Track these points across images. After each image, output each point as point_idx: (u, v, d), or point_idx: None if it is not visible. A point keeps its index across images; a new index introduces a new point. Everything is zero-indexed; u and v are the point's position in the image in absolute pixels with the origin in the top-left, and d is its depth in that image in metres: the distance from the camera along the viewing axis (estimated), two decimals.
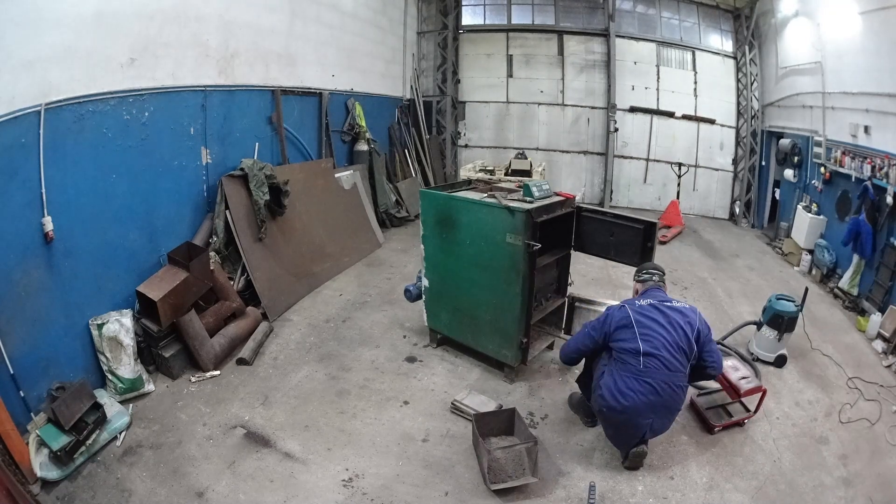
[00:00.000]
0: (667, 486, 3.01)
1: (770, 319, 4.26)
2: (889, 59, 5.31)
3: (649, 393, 2.84)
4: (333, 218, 6.60)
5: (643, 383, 2.85)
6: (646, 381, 2.85)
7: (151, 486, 2.93)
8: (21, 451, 2.85)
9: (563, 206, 3.93)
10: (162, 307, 3.73)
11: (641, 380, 2.85)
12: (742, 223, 9.70)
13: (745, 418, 3.55)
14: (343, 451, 3.25)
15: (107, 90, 3.71)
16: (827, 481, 3.06)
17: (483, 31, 10.62)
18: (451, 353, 4.46)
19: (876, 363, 4.50)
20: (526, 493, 2.91)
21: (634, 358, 2.88)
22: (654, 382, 2.84)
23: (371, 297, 5.63)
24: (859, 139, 5.90)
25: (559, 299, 4.41)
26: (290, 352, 4.47)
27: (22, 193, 3.15)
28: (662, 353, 2.86)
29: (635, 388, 2.85)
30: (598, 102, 10.22)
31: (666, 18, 9.99)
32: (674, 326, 2.94)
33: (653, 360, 2.86)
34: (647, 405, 2.85)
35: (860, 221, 5.40)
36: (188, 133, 4.64)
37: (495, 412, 3.43)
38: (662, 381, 2.85)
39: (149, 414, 3.56)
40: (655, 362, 2.86)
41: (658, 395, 2.85)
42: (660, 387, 2.84)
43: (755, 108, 9.41)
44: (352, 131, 7.70)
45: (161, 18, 4.16)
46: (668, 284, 3.43)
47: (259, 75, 5.62)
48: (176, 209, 4.57)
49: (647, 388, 2.84)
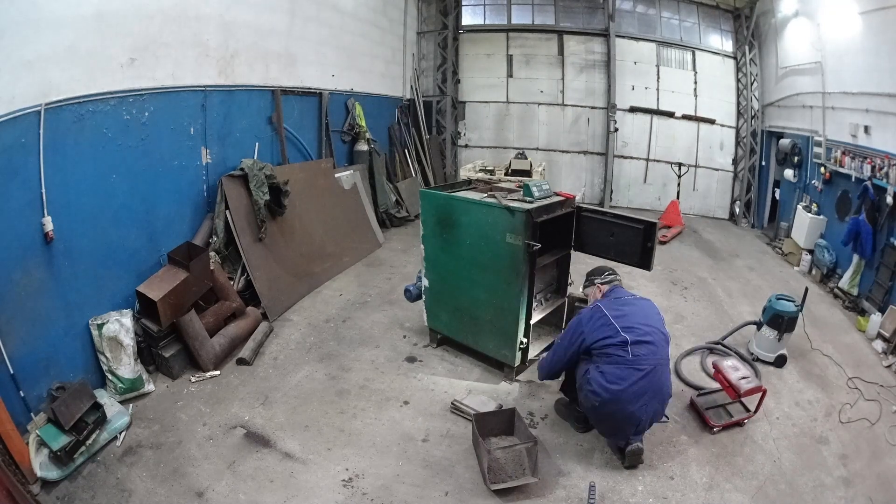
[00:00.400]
0: (667, 486, 3.01)
1: (770, 319, 4.26)
2: (889, 59, 5.31)
3: (639, 378, 2.91)
4: (333, 218, 6.60)
5: (633, 370, 2.91)
6: (636, 369, 2.91)
7: (151, 486, 2.93)
8: (21, 451, 2.85)
9: (563, 206, 3.93)
10: (162, 307, 3.73)
11: (631, 367, 2.91)
12: (742, 223, 9.70)
13: (745, 418, 3.55)
14: (343, 451, 3.25)
15: (107, 90, 3.70)
16: (827, 481, 3.06)
17: (483, 31, 10.62)
18: (451, 353, 4.46)
19: (876, 363, 4.50)
20: (526, 493, 2.91)
21: (622, 350, 2.94)
22: (646, 367, 2.91)
23: (371, 297, 5.63)
24: (859, 139, 5.90)
25: (559, 299, 4.42)
26: (290, 352, 4.47)
27: (22, 193, 3.15)
28: (647, 338, 2.96)
29: (624, 376, 2.91)
30: (598, 102, 10.22)
31: (666, 18, 9.99)
32: (648, 313, 3.11)
33: (641, 347, 2.93)
34: (638, 391, 2.91)
35: (860, 221, 5.40)
36: (188, 133, 4.64)
37: (495, 412, 3.43)
38: (652, 364, 2.93)
39: (149, 414, 3.56)
40: (644, 348, 2.93)
41: (648, 379, 2.92)
42: (650, 370, 2.92)
43: (755, 108, 9.41)
44: (352, 131, 7.70)
45: (161, 18, 4.16)
46: (668, 284, 3.44)
47: (259, 75, 5.62)
48: (176, 209, 4.57)
49: (638, 373, 2.91)
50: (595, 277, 3.48)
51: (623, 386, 2.89)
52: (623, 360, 2.92)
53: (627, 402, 2.91)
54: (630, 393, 2.89)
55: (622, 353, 2.93)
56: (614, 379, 2.91)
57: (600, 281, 3.42)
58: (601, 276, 3.45)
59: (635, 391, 2.89)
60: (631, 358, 2.91)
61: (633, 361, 2.91)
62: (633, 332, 2.95)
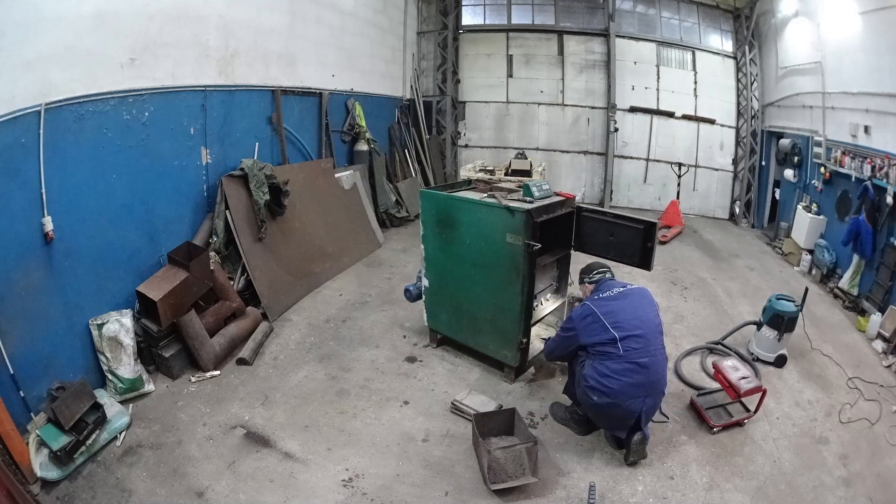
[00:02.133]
0: (667, 486, 3.01)
1: (770, 319, 4.26)
2: (889, 59, 5.30)
3: (633, 372, 2.93)
4: (333, 218, 6.60)
5: (626, 364, 2.93)
6: (629, 363, 2.93)
7: (151, 486, 2.93)
8: (21, 451, 2.85)
9: (563, 206, 3.93)
10: (162, 307, 3.73)
11: (624, 361, 2.93)
12: (742, 223, 9.70)
13: (745, 418, 3.55)
14: (343, 451, 3.25)
15: (107, 90, 3.71)
16: (827, 481, 3.06)
17: (483, 31, 10.62)
18: (451, 353, 4.46)
19: (876, 363, 4.50)
20: (526, 493, 2.91)
21: (613, 346, 2.96)
22: (638, 360, 2.93)
23: (371, 297, 5.63)
24: (859, 139, 5.90)
25: (559, 299, 4.42)
26: (290, 352, 4.47)
27: (22, 193, 3.15)
28: (637, 331, 2.97)
29: (618, 371, 2.94)
30: (598, 102, 10.22)
31: (666, 18, 9.99)
32: (639, 305, 3.12)
33: (631, 342, 2.95)
34: (634, 385, 2.93)
35: (860, 221, 5.40)
36: (188, 133, 4.64)
37: (495, 412, 3.43)
38: (644, 357, 2.94)
39: (149, 414, 3.56)
40: (634, 342, 2.95)
41: (642, 372, 2.94)
42: (643, 364, 2.93)
43: (755, 108, 9.41)
44: (352, 131, 7.70)
45: (161, 18, 4.16)
46: (668, 284, 3.44)
47: (259, 75, 5.62)
48: (176, 209, 4.57)
49: (632, 366, 2.93)
50: (584, 276, 3.49)
51: (618, 385, 2.92)
52: (615, 355, 2.95)
53: (625, 396, 2.94)
54: (626, 386, 2.92)
55: (613, 349, 2.96)
56: (609, 374, 2.95)
57: (589, 280, 3.44)
58: (589, 274, 3.46)
59: (631, 386, 2.92)
60: (623, 353, 2.94)
61: (624, 356, 2.94)
62: (622, 328, 2.97)
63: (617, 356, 2.94)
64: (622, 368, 2.93)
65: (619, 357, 2.94)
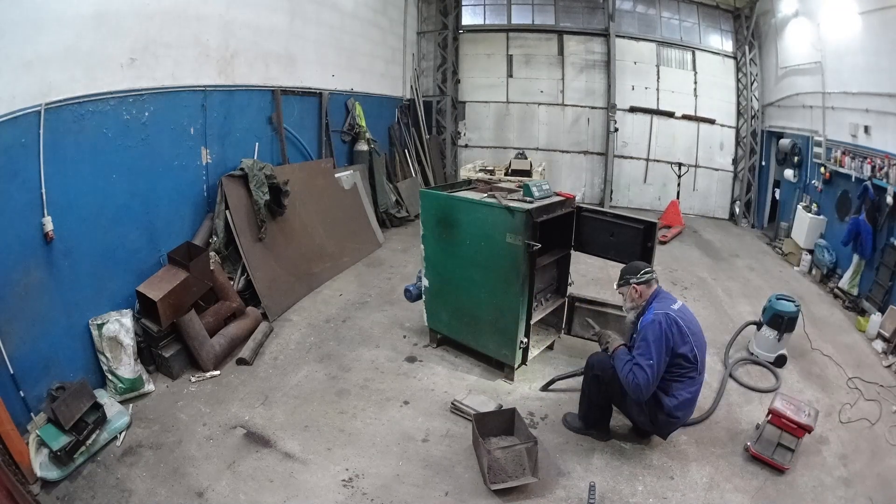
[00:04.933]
0: (667, 486, 3.01)
1: (770, 319, 4.26)
2: (889, 59, 5.31)
3: (699, 387, 3.09)
4: (333, 218, 6.60)
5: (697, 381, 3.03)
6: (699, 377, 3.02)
7: (151, 486, 2.92)
8: (21, 451, 2.85)
9: (563, 206, 3.93)
10: (162, 307, 3.73)
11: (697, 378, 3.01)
12: (742, 223, 9.70)
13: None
14: (343, 451, 3.25)
15: (107, 90, 3.70)
16: (827, 481, 3.06)
17: (483, 31, 10.62)
18: (451, 353, 4.46)
19: (876, 363, 4.50)
20: (526, 493, 2.91)
21: (691, 364, 2.92)
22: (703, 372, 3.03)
23: (371, 297, 5.63)
24: (859, 139, 5.90)
25: (559, 299, 4.41)
26: (290, 352, 4.47)
27: (22, 193, 3.15)
28: (706, 355, 3.03)
29: (694, 393, 3.05)
30: (598, 102, 10.23)
31: (666, 18, 9.99)
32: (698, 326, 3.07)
33: (703, 364, 3.00)
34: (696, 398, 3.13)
35: (860, 221, 5.40)
36: (188, 133, 4.64)
37: (495, 412, 3.43)
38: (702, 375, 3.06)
39: (149, 414, 3.56)
40: (703, 365, 3.00)
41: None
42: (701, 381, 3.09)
43: (755, 108, 9.41)
44: (352, 131, 7.70)
45: (161, 18, 4.16)
46: (668, 284, 3.46)
47: (259, 75, 5.62)
48: (176, 209, 4.57)
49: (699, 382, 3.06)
50: (631, 276, 3.12)
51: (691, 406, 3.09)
52: (688, 373, 2.95)
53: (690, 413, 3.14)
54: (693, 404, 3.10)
55: (690, 364, 2.92)
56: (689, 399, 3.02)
57: (636, 280, 3.09)
58: (636, 275, 3.10)
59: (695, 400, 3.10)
60: (697, 375, 2.99)
61: (700, 371, 2.99)
62: (698, 338, 2.97)
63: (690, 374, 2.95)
64: (694, 389, 3.03)
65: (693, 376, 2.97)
